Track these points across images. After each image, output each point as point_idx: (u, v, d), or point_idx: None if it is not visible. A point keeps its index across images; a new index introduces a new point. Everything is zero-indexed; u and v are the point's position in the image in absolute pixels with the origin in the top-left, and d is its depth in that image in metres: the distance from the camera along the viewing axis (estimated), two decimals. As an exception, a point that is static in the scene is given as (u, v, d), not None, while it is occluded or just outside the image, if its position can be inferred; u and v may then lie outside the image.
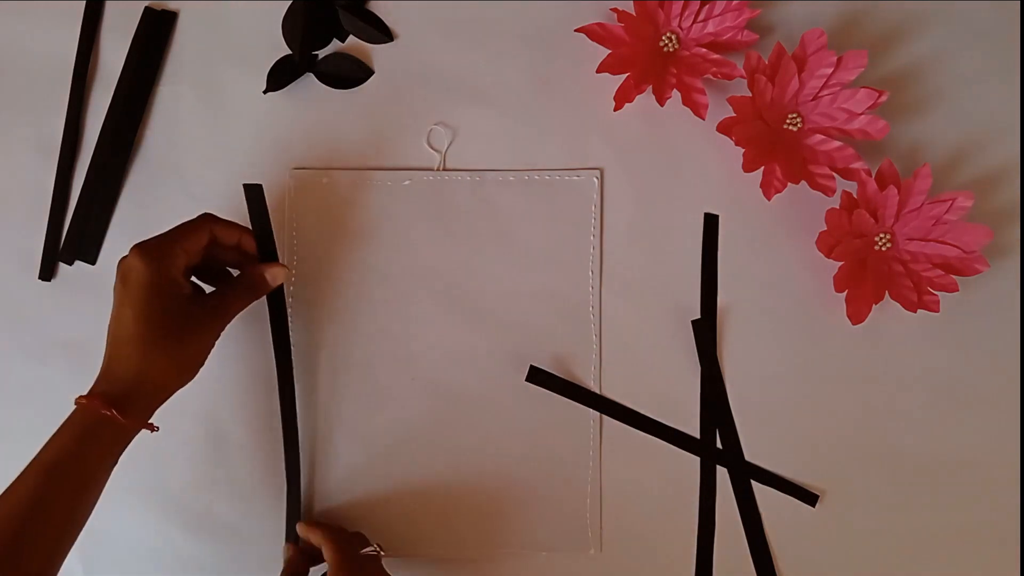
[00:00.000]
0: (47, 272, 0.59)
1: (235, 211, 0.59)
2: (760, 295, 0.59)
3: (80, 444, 0.48)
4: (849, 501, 0.59)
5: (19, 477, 0.47)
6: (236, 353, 0.58)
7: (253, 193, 0.55)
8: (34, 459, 0.48)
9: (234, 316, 0.53)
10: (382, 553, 0.54)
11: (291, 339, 0.58)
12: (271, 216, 0.58)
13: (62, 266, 0.59)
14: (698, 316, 0.59)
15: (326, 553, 0.53)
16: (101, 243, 0.59)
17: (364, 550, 0.54)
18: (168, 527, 0.58)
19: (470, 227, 0.59)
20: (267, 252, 0.55)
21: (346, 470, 0.58)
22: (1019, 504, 0.59)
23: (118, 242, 0.59)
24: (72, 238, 0.59)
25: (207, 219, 0.52)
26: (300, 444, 0.58)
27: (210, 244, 0.52)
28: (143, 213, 0.59)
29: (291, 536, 0.58)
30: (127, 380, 0.49)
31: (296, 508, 0.58)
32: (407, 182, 0.59)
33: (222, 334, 0.53)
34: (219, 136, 0.59)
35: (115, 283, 0.50)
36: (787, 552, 0.59)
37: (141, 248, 0.49)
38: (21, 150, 0.59)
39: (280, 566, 0.57)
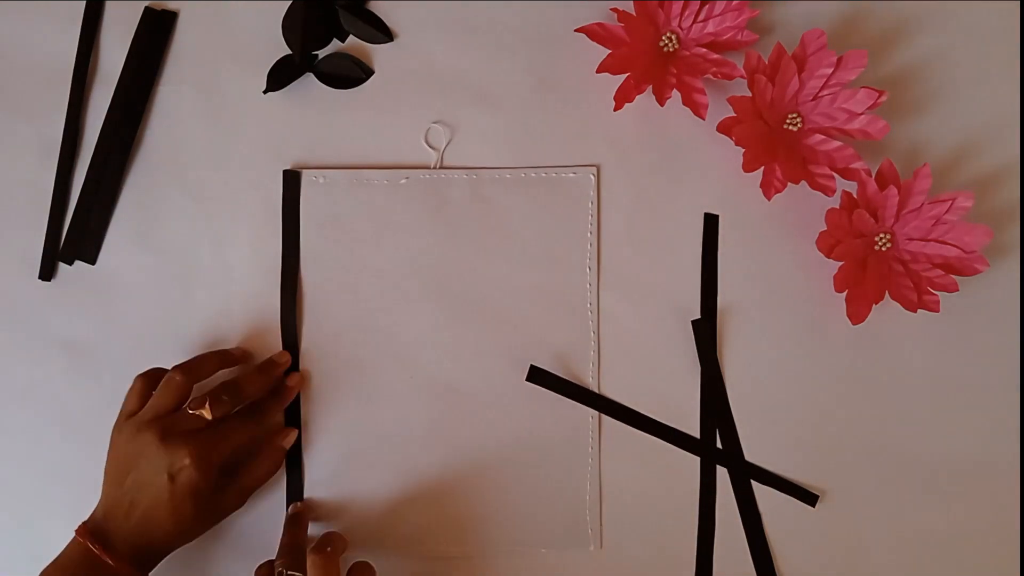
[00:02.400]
0: (47, 272, 0.59)
1: (235, 211, 0.59)
2: (760, 295, 0.59)
3: None
4: (849, 501, 0.59)
5: None
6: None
7: (290, 180, 0.58)
8: None
9: (253, 492, 0.56)
10: None
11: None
12: (269, 217, 0.59)
13: (62, 266, 0.59)
14: (698, 316, 0.59)
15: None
16: (101, 243, 0.59)
17: None
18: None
19: (467, 225, 0.59)
20: (291, 241, 0.58)
21: (345, 468, 0.58)
22: (1019, 504, 0.59)
23: (118, 242, 0.59)
24: (72, 238, 0.59)
25: (266, 423, 0.56)
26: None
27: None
28: (143, 213, 0.59)
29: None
30: (157, 551, 0.52)
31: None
32: (404, 180, 0.59)
33: (223, 327, 0.56)
34: (219, 136, 0.59)
35: (148, 460, 0.51)
36: (787, 552, 0.59)
37: (198, 456, 0.51)
38: (21, 150, 0.59)
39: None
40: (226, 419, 0.54)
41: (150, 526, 0.51)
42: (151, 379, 0.54)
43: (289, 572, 0.51)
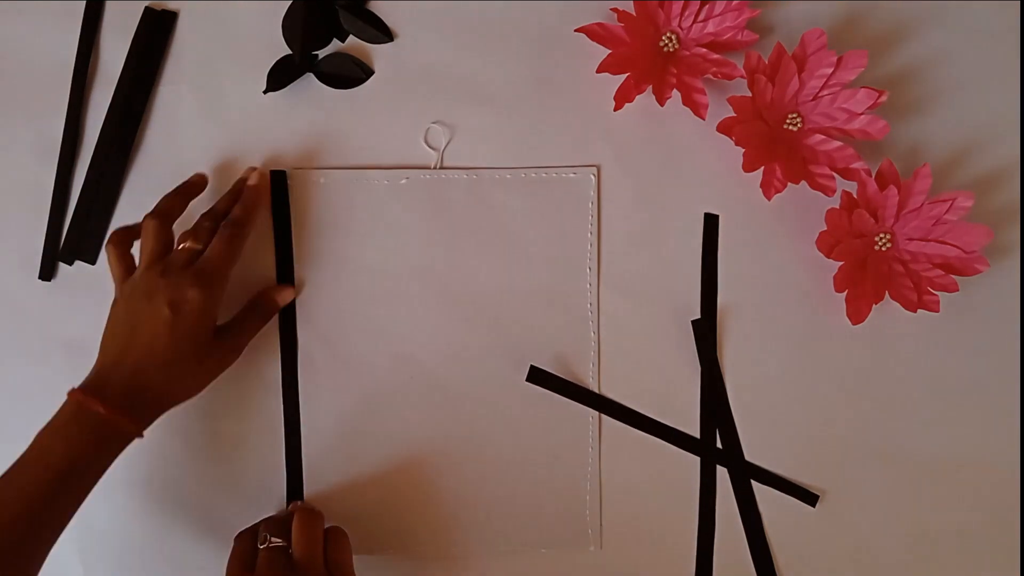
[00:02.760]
0: (47, 272, 0.59)
1: (235, 211, 0.59)
2: (760, 295, 0.59)
3: (98, 456, 0.49)
4: (850, 501, 0.59)
5: (29, 475, 0.47)
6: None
7: (278, 180, 0.58)
8: (42, 459, 0.48)
9: (248, 343, 0.55)
10: None
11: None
12: (269, 218, 0.59)
13: (62, 266, 0.59)
14: (698, 316, 0.59)
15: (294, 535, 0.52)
16: (102, 243, 0.59)
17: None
18: (167, 527, 0.58)
19: (467, 225, 0.59)
20: (284, 240, 0.58)
21: (344, 469, 0.58)
22: (1019, 504, 0.59)
23: (118, 242, 0.59)
24: (72, 238, 0.59)
25: (243, 228, 0.54)
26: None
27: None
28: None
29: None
30: (152, 400, 0.51)
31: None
32: (404, 181, 0.59)
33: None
34: (219, 136, 0.59)
35: (148, 298, 0.50)
36: (787, 552, 0.59)
37: (201, 281, 0.51)
38: (21, 150, 0.59)
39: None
40: (212, 243, 0.53)
41: (146, 368, 0.50)
42: (119, 243, 0.54)
43: (272, 538, 0.51)
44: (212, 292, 0.51)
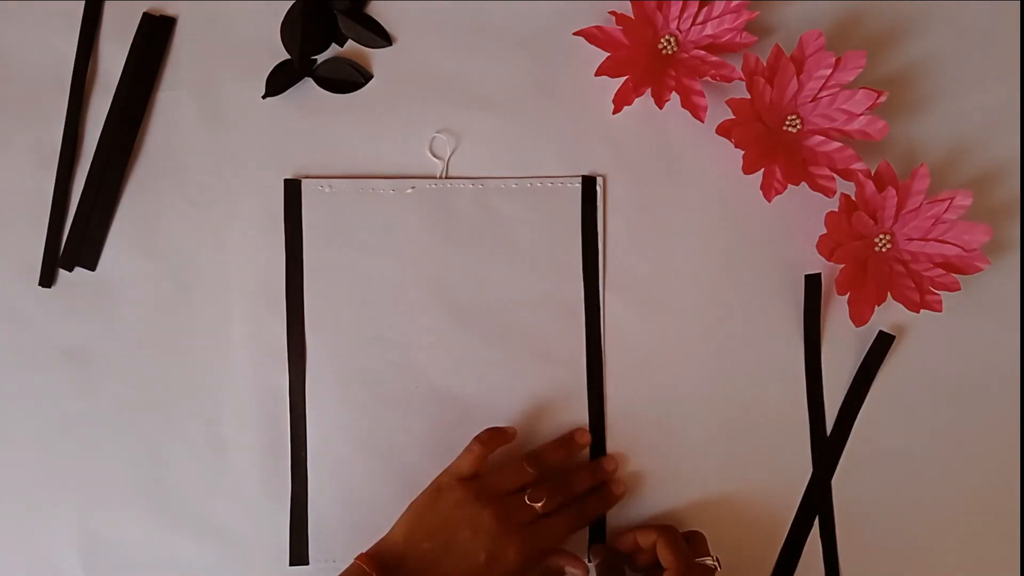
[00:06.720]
0: (47, 278, 0.59)
1: (236, 217, 0.59)
2: (762, 298, 0.59)
3: None
4: (852, 503, 0.58)
5: None
6: (239, 358, 0.58)
7: (292, 189, 0.58)
8: None
9: None
10: (719, 568, 0.53)
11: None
12: (270, 223, 0.59)
13: (62, 272, 0.59)
14: (698, 320, 0.59)
15: (663, 555, 0.52)
16: (101, 249, 0.59)
17: (701, 559, 0.53)
18: (170, 532, 0.58)
19: (473, 234, 0.59)
20: (295, 250, 0.58)
21: (349, 477, 0.58)
22: (1019, 504, 0.59)
23: (118, 248, 0.59)
24: (72, 244, 0.59)
25: (588, 521, 0.56)
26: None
27: None
28: (143, 219, 0.59)
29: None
30: None
31: (303, 515, 0.58)
32: (410, 190, 0.59)
33: (224, 333, 0.56)
34: (218, 141, 0.59)
35: (474, 532, 0.51)
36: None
37: (526, 550, 0.51)
38: (21, 156, 0.59)
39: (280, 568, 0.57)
40: (552, 515, 0.54)
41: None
42: (487, 443, 0.55)
43: None
44: (529, 564, 0.52)
